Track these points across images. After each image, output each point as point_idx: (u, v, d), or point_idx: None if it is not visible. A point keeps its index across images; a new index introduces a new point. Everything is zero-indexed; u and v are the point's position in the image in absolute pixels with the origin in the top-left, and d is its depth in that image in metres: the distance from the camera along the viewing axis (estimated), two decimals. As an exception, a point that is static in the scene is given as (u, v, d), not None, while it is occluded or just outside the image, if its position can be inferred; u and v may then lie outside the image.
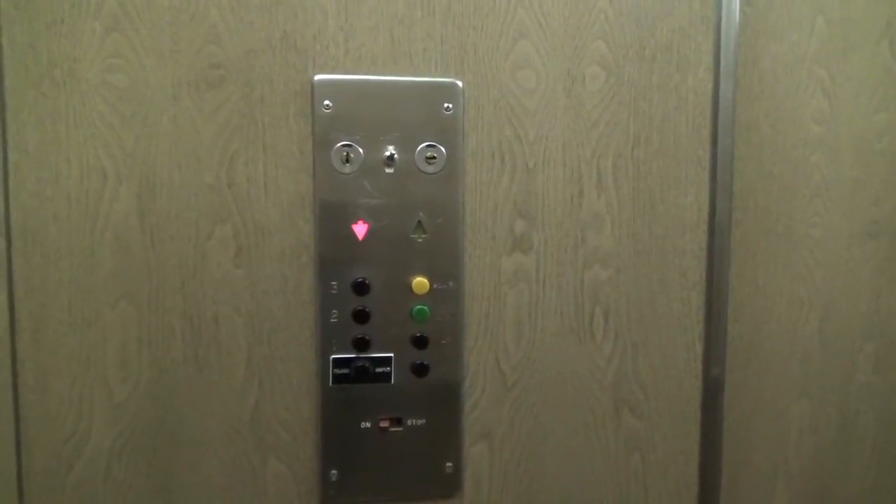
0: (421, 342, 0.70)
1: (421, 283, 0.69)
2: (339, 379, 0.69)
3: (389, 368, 0.70)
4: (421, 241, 0.69)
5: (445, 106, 0.69)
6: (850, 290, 0.82)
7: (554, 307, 0.74)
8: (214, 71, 0.65)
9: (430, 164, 0.69)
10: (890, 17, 0.79)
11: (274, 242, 0.68)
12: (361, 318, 0.68)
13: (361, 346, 0.69)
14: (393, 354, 0.70)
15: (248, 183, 0.67)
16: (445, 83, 0.69)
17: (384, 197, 0.68)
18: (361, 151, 0.68)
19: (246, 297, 0.68)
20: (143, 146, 0.65)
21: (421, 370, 0.70)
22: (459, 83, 0.69)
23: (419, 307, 0.69)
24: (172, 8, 0.64)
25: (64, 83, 0.63)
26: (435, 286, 0.70)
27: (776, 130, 0.78)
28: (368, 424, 0.70)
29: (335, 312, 0.68)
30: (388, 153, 0.68)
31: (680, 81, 0.74)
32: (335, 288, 0.68)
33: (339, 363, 0.69)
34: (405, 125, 0.68)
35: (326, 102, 0.67)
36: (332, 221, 0.68)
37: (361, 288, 0.68)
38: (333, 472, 0.70)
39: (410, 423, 0.71)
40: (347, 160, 0.67)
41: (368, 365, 0.69)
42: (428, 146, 0.69)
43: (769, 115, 0.77)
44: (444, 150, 0.69)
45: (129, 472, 0.67)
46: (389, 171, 0.68)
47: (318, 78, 0.67)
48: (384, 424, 0.70)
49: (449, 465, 0.72)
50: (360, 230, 0.68)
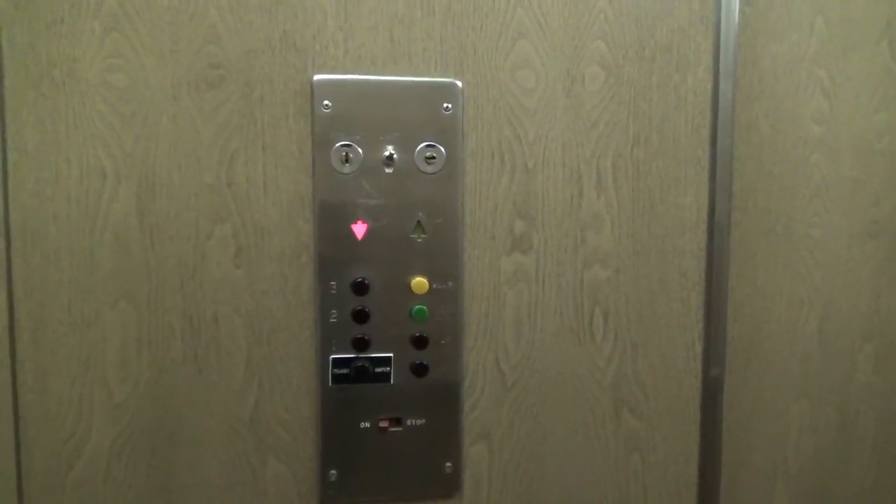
0: (420, 342, 0.70)
1: (420, 283, 0.69)
2: (338, 379, 0.69)
3: (389, 368, 0.70)
4: (420, 241, 0.69)
5: (445, 106, 0.69)
6: (849, 290, 0.82)
7: (553, 307, 0.74)
8: (214, 71, 0.65)
9: (429, 164, 0.69)
10: (890, 17, 0.79)
11: (273, 242, 0.68)
12: (361, 318, 0.68)
13: (361, 346, 0.69)
14: (392, 354, 0.70)
15: (247, 183, 0.67)
16: (445, 83, 0.69)
17: (383, 197, 0.68)
18: (361, 151, 0.68)
19: (245, 297, 0.68)
20: (142, 146, 0.65)
21: (420, 370, 0.70)
22: (459, 83, 0.69)
23: (419, 307, 0.69)
24: (172, 8, 0.64)
25: (63, 83, 0.63)
26: (434, 286, 0.70)
27: (776, 130, 0.78)
28: (368, 424, 0.70)
29: (335, 312, 0.68)
30: (387, 153, 0.68)
31: (679, 81, 0.74)
32: (335, 288, 0.68)
33: (338, 363, 0.69)
34: (405, 125, 0.68)
35: (326, 102, 0.67)
36: (331, 221, 0.68)
37: (361, 288, 0.68)
38: (333, 472, 0.70)
39: (410, 423, 0.71)
40: (347, 160, 0.67)
41: (368, 365, 0.69)
42: (427, 146, 0.69)
43: (769, 115, 0.77)
44: (443, 150, 0.69)
45: (128, 472, 0.67)
46: (389, 171, 0.68)
47: (317, 78, 0.67)
48: (384, 424, 0.70)
49: (448, 465, 0.72)
50: (359, 230, 0.68)
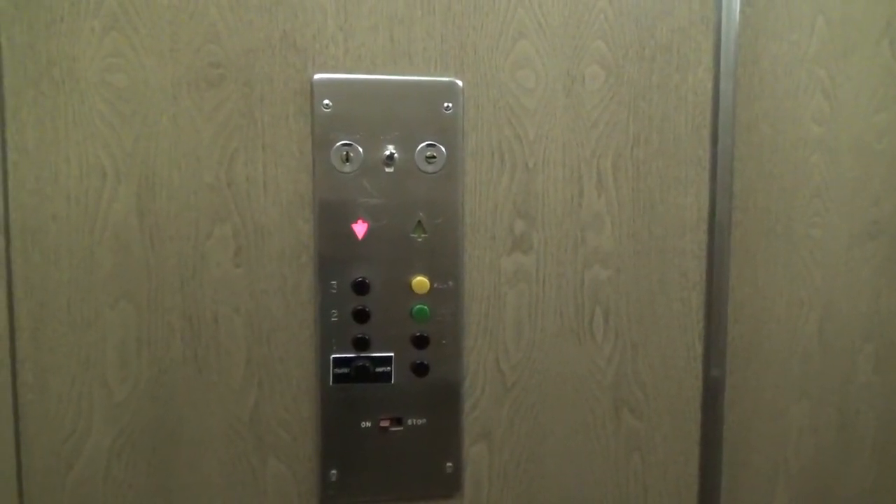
0: (421, 342, 0.70)
1: (421, 282, 0.69)
2: (339, 378, 0.69)
3: (389, 368, 0.70)
4: (421, 240, 0.69)
5: (445, 105, 0.69)
6: (850, 290, 0.82)
7: (554, 307, 0.74)
8: (214, 70, 0.65)
9: (429, 163, 0.69)
10: (890, 16, 0.79)
11: (273, 242, 0.68)
12: (361, 317, 0.68)
13: (361, 345, 0.69)
14: (393, 354, 0.70)
15: (247, 182, 0.67)
16: (445, 82, 0.69)
17: (384, 196, 0.68)
18: (361, 151, 0.68)
19: (245, 296, 0.68)
20: (142, 145, 0.65)
21: (421, 370, 0.70)
22: (459, 82, 0.69)
23: (419, 307, 0.69)
24: (172, 7, 0.64)
25: (63, 82, 0.63)
26: (435, 286, 0.70)
27: (776, 130, 0.78)
28: (368, 424, 0.70)
29: (335, 312, 0.68)
30: (387, 152, 0.68)
31: (680, 81, 0.74)
32: (335, 287, 0.68)
33: (339, 363, 0.69)
34: (405, 124, 0.68)
35: (326, 102, 0.67)
36: (331, 221, 0.68)
37: (361, 287, 0.68)
38: (333, 471, 0.70)
39: (410, 422, 0.71)
40: (347, 159, 0.67)
41: (368, 364, 0.69)
42: (428, 146, 0.69)
43: (769, 115, 0.77)
44: (443, 149, 0.69)
45: (128, 471, 0.67)
46: (389, 170, 0.68)
47: (317, 77, 0.67)
48: (384, 424, 0.70)
49: (449, 464, 0.72)
50: (359, 230, 0.68)
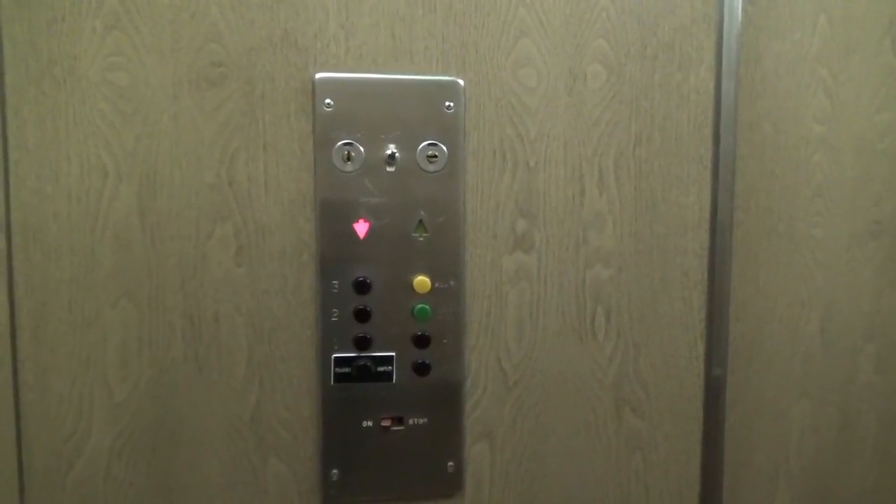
0: (422, 341, 0.70)
1: (422, 281, 0.69)
2: (340, 378, 0.69)
3: (391, 367, 0.69)
4: (422, 239, 0.69)
5: (447, 104, 0.69)
6: (851, 290, 0.82)
7: (555, 306, 0.73)
8: (215, 69, 0.65)
9: (431, 162, 0.69)
10: (892, 15, 0.79)
11: (275, 241, 0.68)
12: (362, 316, 0.68)
13: (362, 345, 0.69)
14: (394, 353, 0.69)
15: (248, 181, 0.67)
16: (446, 81, 0.69)
17: (385, 195, 0.68)
18: (362, 150, 0.67)
19: (246, 295, 0.68)
20: (143, 144, 0.65)
21: (422, 369, 0.70)
22: (461, 81, 0.69)
23: (420, 306, 0.69)
24: (173, 6, 0.64)
25: (64, 81, 0.63)
26: (436, 285, 0.70)
27: (778, 129, 0.78)
28: (370, 423, 0.70)
29: (336, 311, 0.68)
30: (389, 152, 0.68)
31: (682, 80, 0.74)
32: (336, 287, 0.68)
33: (340, 362, 0.69)
34: (406, 124, 0.68)
35: (327, 101, 0.67)
36: (333, 220, 0.68)
37: (362, 287, 0.68)
38: (334, 471, 0.70)
39: (412, 422, 0.70)
40: (348, 159, 0.67)
41: (370, 364, 0.68)
42: (429, 145, 0.69)
43: (771, 114, 0.77)
44: (445, 148, 0.69)
45: (129, 471, 0.67)
46: (391, 169, 0.68)
47: (319, 76, 0.67)
48: (385, 423, 0.70)
49: (450, 464, 0.72)
50: (361, 229, 0.68)
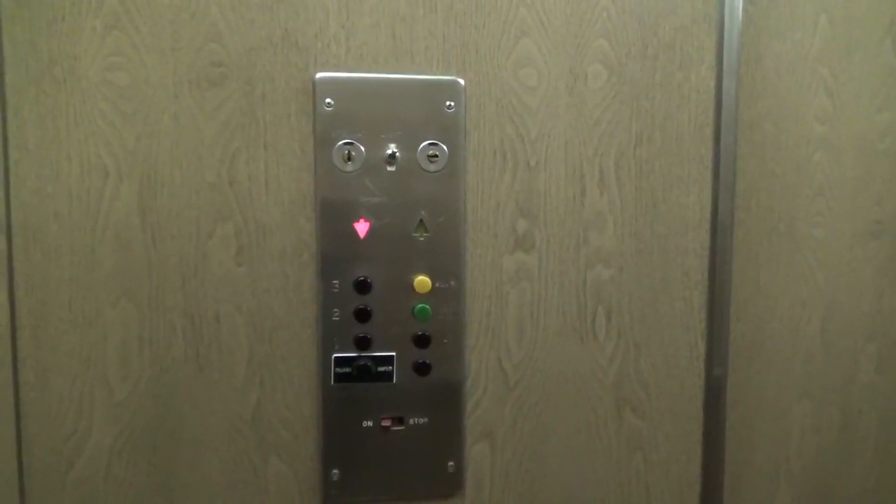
0: (423, 341, 0.70)
1: (423, 281, 0.69)
2: (340, 378, 0.69)
3: (391, 367, 0.69)
4: (423, 239, 0.69)
5: (447, 104, 0.69)
6: (852, 289, 0.82)
7: (556, 306, 0.73)
8: (215, 69, 0.65)
9: (431, 162, 0.69)
10: (893, 15, 0.79)
11: (275, 241, 0.68)
12: (363, 316, 0.68)
13: (363, 344, 0.69)
14: (395, 353, 0.69)
15: (249, 181, 0.67)
16: (447, 81, 0.69)
17: (386, 195, 0.68)
18: (363, 149, 0.67)
19: (247, 295, 0.68)
20: (144, 144, 0.65)
21: (423, 369, 0.70)
22: (461, 81, 0.69)
23: (421, 306, 0.69)
24: (173, 6, 0.64)
25: (64, 81, 0.63)
26: (437, 285, 0.70)
27: (779, 129, 0.78)
28: (370, 423, 0.70)
29: (337, 311, 0.68)
30: (389, 151, 0.68)
31: (682, 80, 0.74)
32: (337, 286, 0.68)
33: (340, 362, 0.68)
34: (407, 123, 0.68)
35: (328, 100, 0.67)
36: (333, 220, 0.68)
37: (363, 286, 0.68)
38: (335, 471, 0.70)
39: (412, 422, 0.70)
40: (349, 158, 0.67)
41: (370, 364, 0.68)
42: (430, 144, 0.68)
43: (772, 113, 0.77)
44: (445, 148, 0.69)
45: (129, 470, 0.67)
46: (391, 169, 0.68)
47: (319, 76, 0.66)
48: (386, 423, 0.70)
49: (451, 464, 0.72)
50: (361, 228, 0.68)
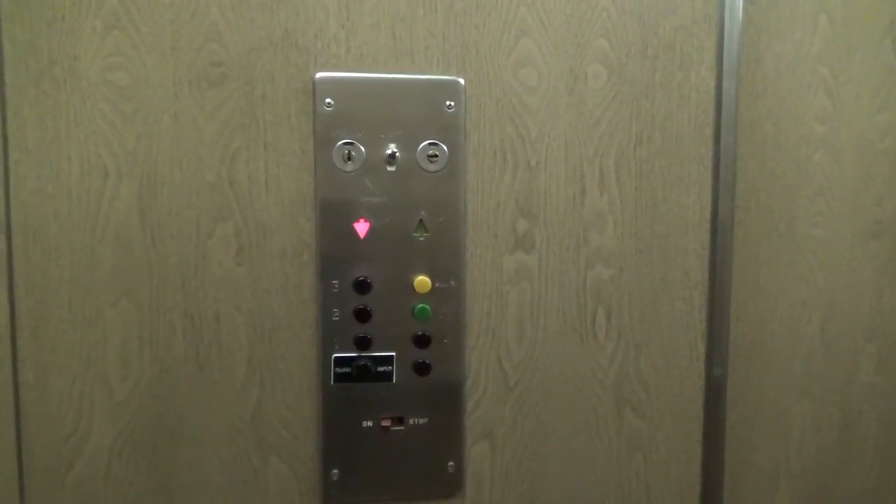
0: (423, 341, 0.69)
1: (423, 281, 0.69)
2: (340, 378, 0.69)
3: (391, 367, 0.69)
4: (423, 239, 0.69)
5: (447, 104, 0.69)
6: (852, 289, 0.82)
7: (556, 306, 0.73)
8: (215, 69, 0.65)
9: (431, 162, 0.69)
10: (893, 15, 0.79)
11: (275, 241, 0.68)
12: (363, 316, 0.68)
13: (363, 344, 0.69)
14: (395, 353, 0.69)
15: (249, 181, 0.67)
16: (447, 81, 0.69)
17: (386, 195, 0.68)
18: (363, 149, 0.67)
19: (247, 295, 0.68)
20: (144, 144, 0.65)
21: (423, 369, 0.70)
22: (461, 81, 0.69)
23: (421, 306, 0.69)
24: (173, 6, 0.64)
25: (64, 81, 0.63)
26: (437, 285, 0.70)
27: (779, 129, 0.78)
28: (370, 423, 0.70)
29: (336, 311, 0.68)
30: (389, 151, 0.68)
31: (682, 80, 0.74)
32: (336, 286, 0.68)
33: (340, 362, 0.68)
34: (407, 123, 0.68)
35: (328, 100, 0.67)
36: (333, 220, 0.68)
37: (363, 286, 0.68)
38: (335, 471, 0.70)
39: (412, 422, 0.70)
40: (349, 158, 0.67)
41: (370, 364, 0.68)
42: (430, 144, 0.68)
43: (772, 113, 0.77)
44: (445, 148, 0.69)
45: (129, 470, 0.67)
46: (391, 169, 0.68)
47: (319, 76, 0.66)
48: (386, 423, 0.70)
49: (451, 464, 0.72)
50: (361, 228, 0.68)
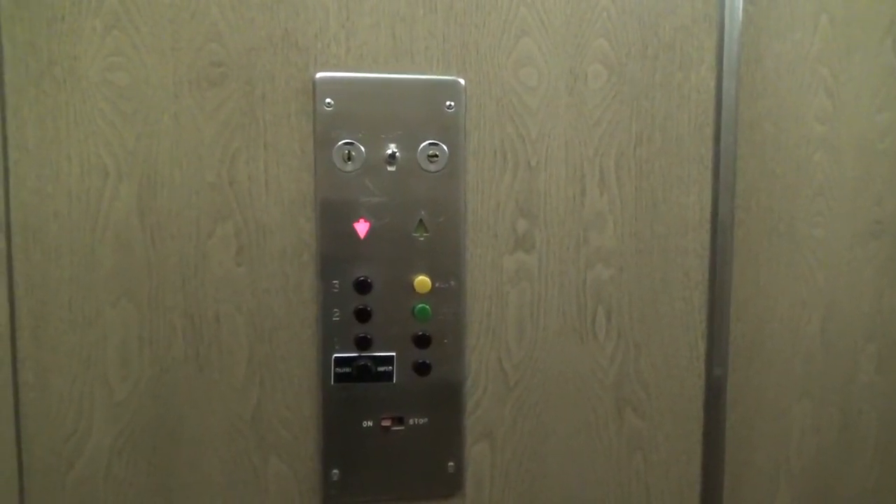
0: (423, 341, 0.69)
1: (423, 281, 0.69)
2: (340, 378, 0.69)
3: (391, 367, 0.69)
4: (423, 239, 0.69)
5: (447, 104, 0.69)
6: (852, 289, 0.82)
7: (556, 306, 0.73)
8: (215, 69, 0.65)
9: (431, 162, 0.69)
10: (894, 15, 0.79)
11: (275, 241, 0.68)
12: (363, 316, 0.68)
13: (363, 344, 0.69)
14: (395, 353, 0.69)
15: (249, 181, 0.67)
16: (447, 81, 0.69)
17: (386, 195, 0.68)
18: (363, 149, 0.67)
19: (247, 295, 0.68)
20: (144, 144, 0.65)
21: (423, 369, 0.70)
22: (461, 81, 0.69)
23: (421, 306, 0.69)
24: (173, 5, 0.64)
25: (64, 81, 0.63)
26: (437, 285, 0.70)
27: (779, 129, 0.78)
28: (370, 423, 0.70)
29: (337, 311, 0.68)
30: (389, 151, 0.68)
31: (682, 80, 0.74)
32: (337, 286, 0.68)
33: (340, 362, 0.68)
34: (407, 123, 0.68)
35: (328, 100, 0.67)
36: (333, 220, 0.68)
37: (363, 286, 0.68)
38: (335, 471, 0.70)
39: (412, 422, 0.70)
40: (349, 158, 0.67)
41: (370, 364, 0.68)
42: (430, 144, 0.68)
43: (772, 113, 0.77)
44: (445, 148, 0.69)
45: (129, 470, 0.67)
46: (391, 169, 0.68)
47: (319, 76, 0.66)
48: (386, 423, 0.70)
49: (451, 464, 0.72)
50: (361, 228, 0.68)
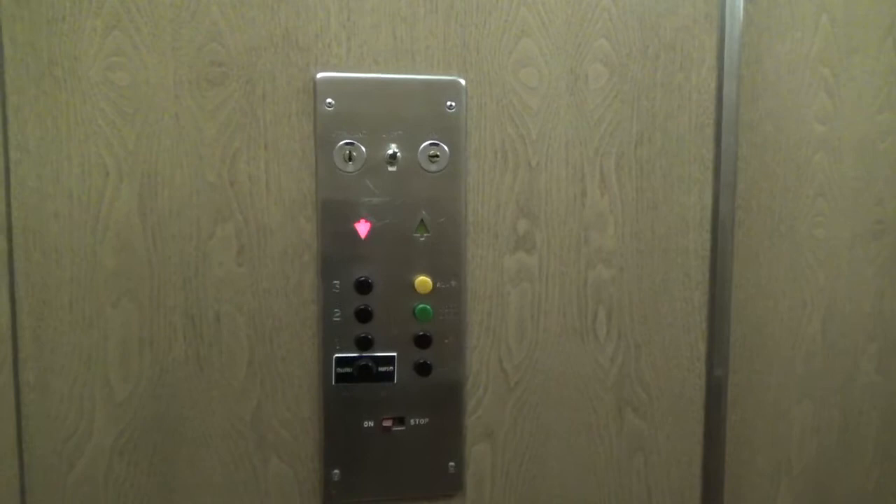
0: (424, 341, 0.69)
1: (424, 282, 0.69)
2: (341, 378, 0.69)
3: (392, 367, 0.69)
4: (423, 239, 0.69)
5: (448, 104, 0.68)
6: (853, 290, 0.82)
7: (557, 307, 0.73)
8: (216, 69, 0.65)
9: (432, 162, 0.69)
10: (894, 16, 0.79)
11: (276, 241, 0.68)
12: (364, 317, 0.68)
13: (364, 345, 0.69)
14: (396, 353, 0.69)
15: (249, 181, 0.67)
16: (448, 81, 0.69)
17: (387, 195, 0.68)
18: (364, 150, 0.67)
19: (248, 295, 0.68)
20: (144, 144, 0.65)
21: (424, 369, 0.70)
22: (462, 81, 0.69)
23: (422, 306, 0.69)
24: (174, 5, 0.64)
25: (65, 81, 0.63)
26: (438, 285, 0.69)
27: (779, 129, 0.78)
28: (371, 424, 0.70)
29: (337, 311, 0.68)
30: (390, 151, 0.68)
31: (683, 80, 0.74)
32: (337, 287, 0.68)
33: (341, 362, 0.68)
34: (408, 123, 0.68)
35: (329, 100, 0.66)
36: (334, 220, 0.68)
37: (364, 287, 0.68)
38: (336, 471, 0.70)
39: (413, 422, 0.70)
40: (350, 158, 0.67)
41: (371, 364, 0.68)
42: (431, 144, 0.68)
43: (772, 113, 0.77)
44: (446, 148, 0.69)
45: (130, 470, 0.67)
46: (392, 169, 0.68)
47: (320, 76, 0.66)
48: (387, 424, 0.70)
49: (451, 464, 0.72)
50: (362, 229, 0.68)
